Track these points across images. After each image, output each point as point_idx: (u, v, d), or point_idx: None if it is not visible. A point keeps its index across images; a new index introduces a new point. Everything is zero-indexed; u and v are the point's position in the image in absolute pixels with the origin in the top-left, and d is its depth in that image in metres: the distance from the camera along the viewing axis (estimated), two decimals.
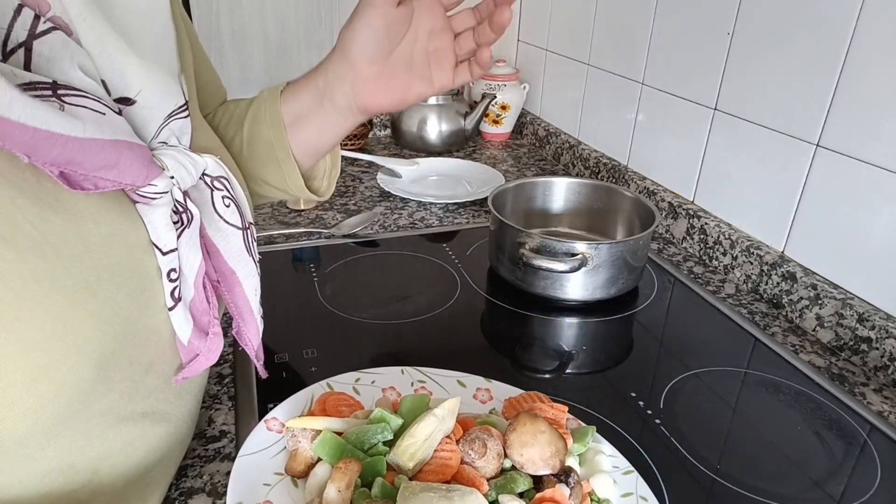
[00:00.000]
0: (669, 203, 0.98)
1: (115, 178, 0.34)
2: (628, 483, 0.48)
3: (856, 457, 0.57)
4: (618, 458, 0.51)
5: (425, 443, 0.43)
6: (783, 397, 0.64)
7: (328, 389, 0.52)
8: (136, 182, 0.35)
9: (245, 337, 0.49)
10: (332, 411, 0.48)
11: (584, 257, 0.74)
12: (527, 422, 0.45)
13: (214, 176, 0.44)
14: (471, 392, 0.57)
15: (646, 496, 0.47)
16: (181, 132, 0.42)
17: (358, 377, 0.55)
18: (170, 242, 0.38)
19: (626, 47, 1.09)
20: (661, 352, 0.71)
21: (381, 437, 0.44)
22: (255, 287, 0.48)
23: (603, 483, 0.47)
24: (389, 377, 0.56)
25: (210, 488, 0.51)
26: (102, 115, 0.33)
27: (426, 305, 0.78)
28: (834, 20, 0.71)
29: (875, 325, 0.68)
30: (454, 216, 1.05)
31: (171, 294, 0.39)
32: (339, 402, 0.50)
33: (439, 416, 0.44)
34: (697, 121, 0.93)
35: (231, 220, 0.44)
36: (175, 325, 0.39)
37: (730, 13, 0.85)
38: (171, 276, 0.38)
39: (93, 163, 0.32)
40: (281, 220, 1.00)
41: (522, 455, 0.44)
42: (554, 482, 0.44)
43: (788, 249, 0.81)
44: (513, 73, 1.42)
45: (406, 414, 0.47)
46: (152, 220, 0.37)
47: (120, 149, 0.33)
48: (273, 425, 0.48)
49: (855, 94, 0.70)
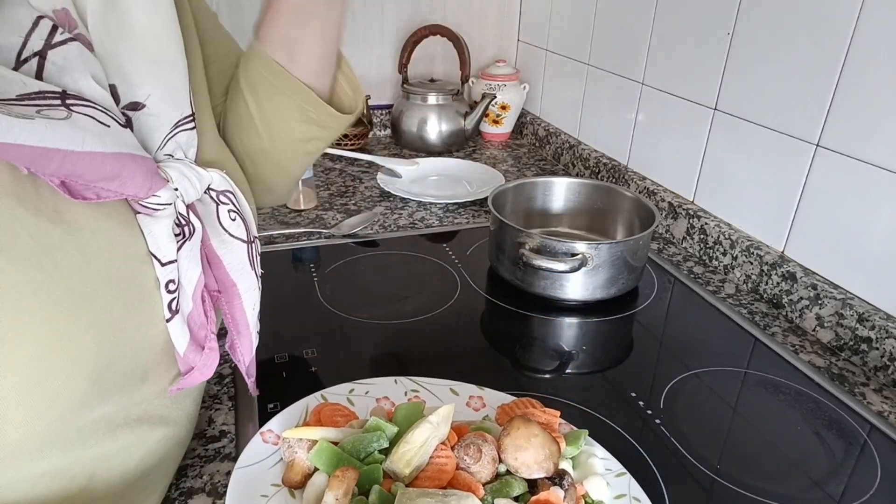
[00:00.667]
0: (669, 203, 0.98)
1: (118, 188, 0.34)
2: (621, 485, 0.49)
3: (856, 457, 0.57)
4: (610, 460, 0.51)
5: (421, 449, 0.44)
6: (783, 397, 0.64)
7: (323, 401, 0.53)
8: (138, 193, 0.36)
9: (238, 351, 0.48)
10: (328, 422, 0.49)
11: (584, 257, 0.74)
12: (520, 426, 0.45)
13: (220, 190, 0.44)
14: (464, 400, 0.57)
15: (638, 497, 0.48)
16: (187, 145, 0.42)
17: (352, 388, 0.55)
18: (170, 254, 0.38)
19: (626, 47, 1.09)
20: (661, 352, 0.71)
21: (377, 445, 0.45)
22: (254, 301, 0.47)
23: (596, 485, 0.48)
24: (383, 387, 0.56)
25: (210, 488, 0.51)
26: (107, 127, 0.33)
27: (426, 305, 0.78)
28: (834, 20, 0.71)
29: (875, 325, 0.68)
30: (454, 216, 1.05)
31: (169, 305, 0.39)
32: (334, 412, 0.50)
33: (434, 423, 0.45)
34: (697, 121, 0.93)
35: (236, 233, 0.44)
36: (172, 337, 0.39)
37: (730, 13, 0.85)
38: (170, 287, 0.38)
39: (94, 174, 0.32)
40: (281, 220, 1.00)
41: (517, 459, 0.44)
42: (548, 485, 0.44)
43: (788, 249, 0.81)
44: (513, 73, 1.42)
45: (401, 421, 0.47)
46: (153, 231, 0.38)
47: (123, 161, 0.34)
48: (269, 437, 0.48)
49: (855, 94, 0.70)
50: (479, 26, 1.48)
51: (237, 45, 0.58)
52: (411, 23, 1.41)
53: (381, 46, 1.42)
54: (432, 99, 1.32)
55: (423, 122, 1.32)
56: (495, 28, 1.49)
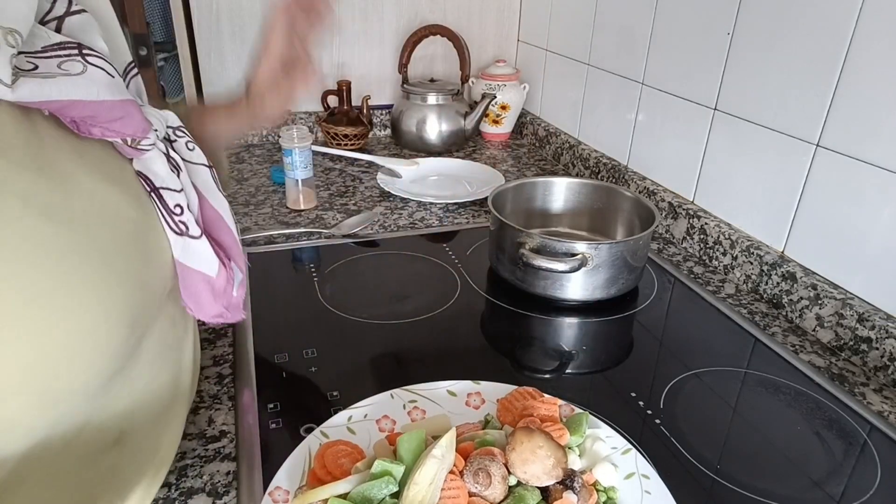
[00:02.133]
0: (669, 203, 0.98)
1: (120, 129, 0.40)
2: (628, 463, 0.50)
3: (856, 457, 0.57)
4: (614, 437, 0.52)
5: (430, 487, 0.44)
6: (783, 397, 0.64)
7: (323, 437, 0.52)
8: (137, 133, 0.41)
9: (240, 266, 0.51)
10: (332, 466, 0.48)
11: (584, 257, 0.74)
12: (524, 440, 0.46)
13: (175, 126, 0.48)
14: (462, 400, 0.57)
15: (647, 474, 0.49)
16: (140, 91, 0.47)
17: (350, 415, 0.54)
18: (175, 185, 0.44)
19: (626, 47, 1.09)
20: (661, 352, 0.71)
21: (386, 490, 0.44)
22: (233, 221, 0.52)
23: (605, 471, 0.49)
24: (380, 406, 0.56)
25: (210, 488, 0.51)
26: (112, 77, 0.39)
27: (426, 305, 0.78)
28: (834, 20, 0.71)
29: (875, 325, 0.68)
30: (454, 216, 1.05)
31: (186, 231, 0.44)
32: (337, 454, 0.49)
33: (439, 456, 0.45)
34: (697, 121, 0.93)
35: (198, 160, 0.49)
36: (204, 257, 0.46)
37: (730, 13, 0.85)
38: (176, 210, 0.44)
39: (105, 117, 0.39)
40: (281, 220, 1.00)
41: (526, 472, 0.46)
42: (561, 490, 0.46)
43: (788, 249, 0.81)
44: (513, 73, 1.42)
45: (406, 456, 0.47)
46: (156, 171, 0.43)
47: (126, 106, 0.40)
48: (278, 496, 0.47)
49: (855, 94, 0.70)
50: (479, 26, 1.48)
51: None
52: (411, 23, 1.41)
53: (381, 46, 1.42)
54: (432, 99, 1.32)
55: (423, 122, 1.32)
56: (495, 28, 1.49)
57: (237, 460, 0.54)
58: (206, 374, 0.64)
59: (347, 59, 1.41)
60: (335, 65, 1.41)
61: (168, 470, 0.50)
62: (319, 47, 1.42)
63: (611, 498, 0.48)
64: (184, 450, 0.55)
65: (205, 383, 0.63)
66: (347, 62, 1.41)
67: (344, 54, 1.40)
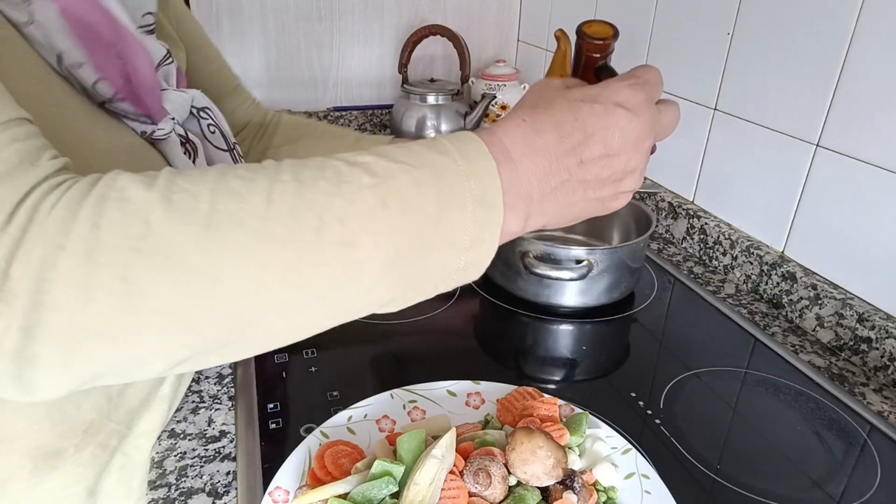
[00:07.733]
0: (669, 203, 0.98)
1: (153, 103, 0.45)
2: (628, 463, 0.50)
3: (856, 457, 0.57)
4: (614, 437, 0.52)
5: (430, 487, 0.44)
6: (783, 397, 0.64)
7: (323, 437, 0.52)
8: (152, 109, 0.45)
9: None
10: (332, 466, 0.48)
11: (589, 264, 0.73)
12: (523, 440, 0.46)
13: (200, 107, 0.50)
14: (462, 400, 0.57)
15: (647, 474, 0.49)
16: (168, 75, 0.51)
17: (350, 415, 0.54)
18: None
19: (626, 47, 1.09)
20: (660, 352, 0.71)
21: (386, 490, 0.44)
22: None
23: (605, 471, 0.49)
24: (380, 405, 0.56)
25: (210, 488, 0.51)
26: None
27: (425, 306, 0.78)
28: (834, 20, 0.71)
29: (875, 325, 0.68)
30: None
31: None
32: (337, 454, 0.49)
33: (439, 457, 0.45)
34: (697, 121, 0.93)
35: (218, 144, 0.51)
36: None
37: (730, 13, 0.85)
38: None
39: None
40: None
41: (526, 472, 0.46)
42: (561, 490, 0.46)
43: (788, 249, 0.81)
44: (513, 73, 1.41)
45: (405, 456, 0.47)
46: (173, 157, 0.46)
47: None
48: (278, 496, 0.47)
49: (855, 94, 0.70)
50: (479, 26, 1.48)
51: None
52: (411, 23, 1.41)
53: (381, 46, 1.42)
54: (432, 99, 1.32)
55: (423, 123, 1.32)
56: (495, 28, 1.49)
57: (237, 460, 0.54)
58: (206, 374, 0.64)
59: (347, 59, 1.41)
60: (335, 65, 1.41)
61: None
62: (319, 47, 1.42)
63: (611, 498, 0.48)
64: (184, 450, 0.55)
65: (205, 383, 0.63)
66: (347, 62, 1.41)
67: (344, 54, 1.40)
